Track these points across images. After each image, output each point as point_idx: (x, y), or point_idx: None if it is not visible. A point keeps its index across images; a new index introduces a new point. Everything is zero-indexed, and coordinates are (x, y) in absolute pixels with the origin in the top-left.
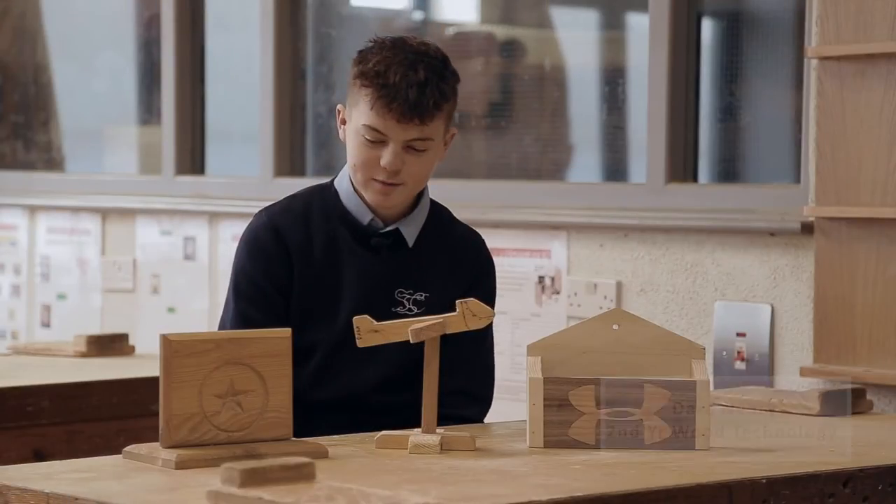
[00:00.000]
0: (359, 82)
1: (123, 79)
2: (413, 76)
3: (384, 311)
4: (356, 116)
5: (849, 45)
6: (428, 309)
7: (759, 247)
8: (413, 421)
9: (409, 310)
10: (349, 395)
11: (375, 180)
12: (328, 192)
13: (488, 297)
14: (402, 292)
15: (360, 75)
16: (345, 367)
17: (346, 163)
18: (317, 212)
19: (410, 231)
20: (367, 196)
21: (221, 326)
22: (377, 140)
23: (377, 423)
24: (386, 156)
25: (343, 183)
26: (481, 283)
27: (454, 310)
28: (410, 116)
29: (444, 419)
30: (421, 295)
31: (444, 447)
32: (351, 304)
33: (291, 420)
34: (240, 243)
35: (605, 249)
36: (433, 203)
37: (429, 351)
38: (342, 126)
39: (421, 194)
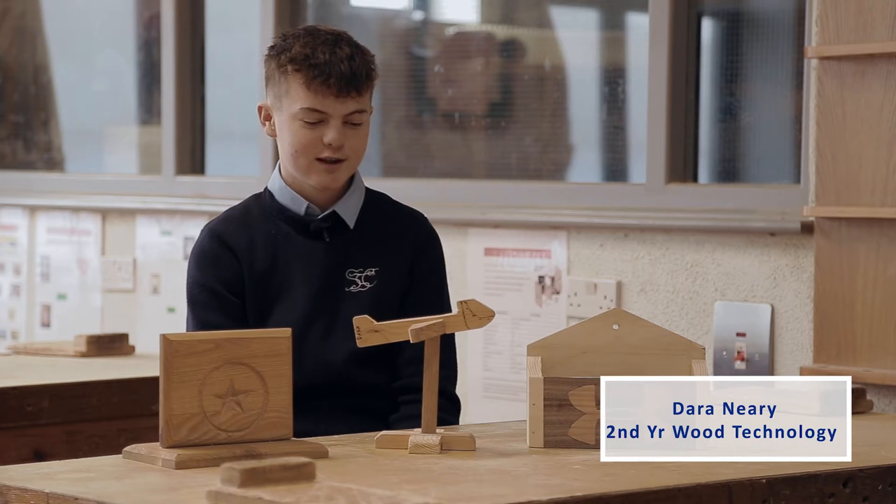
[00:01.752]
0: (289, 68)
1: (123, 79)
2: (340, 52)
3: (338, 293)
4: (289, 104)
5: (849, 45)
6: (380, 281)
7: (759, 247)
8: (390, 403)
9: (363, 286)
10: (321, 375)
11: (320, 160)
12: (263, 196)
13: (437, 266)
14: (352, 272)
15: (289, 62)
16: (311, 351)
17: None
18: (256, 215)
19: (349, 213)
20: (311, 180)
21: None
22: (317, 121)
23: (355, 406)
24: (329, 133)
25: (275, 183)
26: (427, 252)
27: (406, 278)
28: (348, 90)
29: (413, 403)
30: (371, 270)
31: (444, 447)
32: (305, 292)
33: (291, 420)
34: (189, 262)
35: (605, 249)
36: (371, 190)
37: (429, 351)
38: (266, 123)
39: (352, 177)
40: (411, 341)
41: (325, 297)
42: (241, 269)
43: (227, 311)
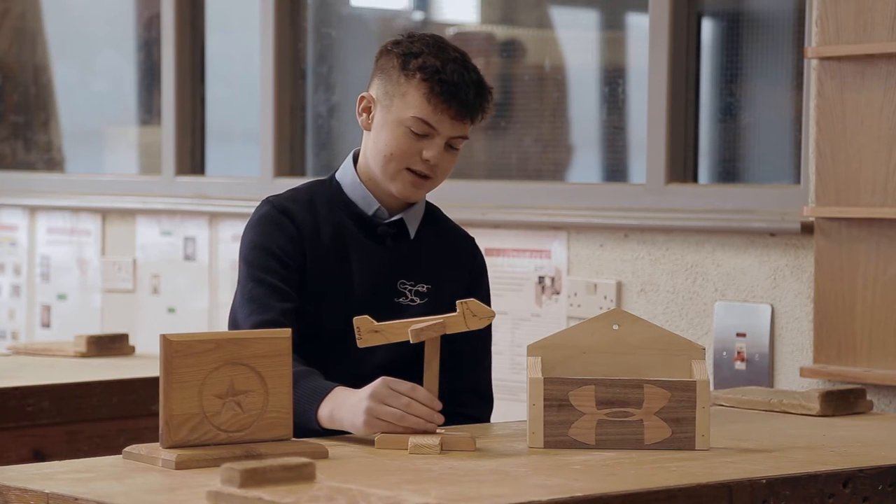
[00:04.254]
0: (418, 75)
1: (123, 79)
2: (468, 76)
3: (387, 301)
4: (400, 107)
5: (849, 46)
6: (430, 300)
7: (759, 247)
8: None
9: (412, 301)
10: (355, 380)
11: (411, 171)
12: (330, 185)
13: (488, 297)
14: (403, 283)
15: (418, 69)
16: (347, 356)
17: (345, 159)
18: (321, 202)
19: (412, 222)
20: (394, 187)
21: (233, 313)
22: (423, 133)
23: None
24: (431, 149)
25: (347, 176)
26: (481, 283)
27: (454, 303)
28: (464, 116)
29: (456, 416)
30: (423, 286)
31: (444, 447)
32: (357, 293)
33: (291, 420)
34: (247, 229)
35: (605, 249)
36: (427, 202)
37: (429, 351)
38: (364, 114)
39: None
40: (411, 341)
41: (375, 304)
42: (303, 247)
43: (286, 279)
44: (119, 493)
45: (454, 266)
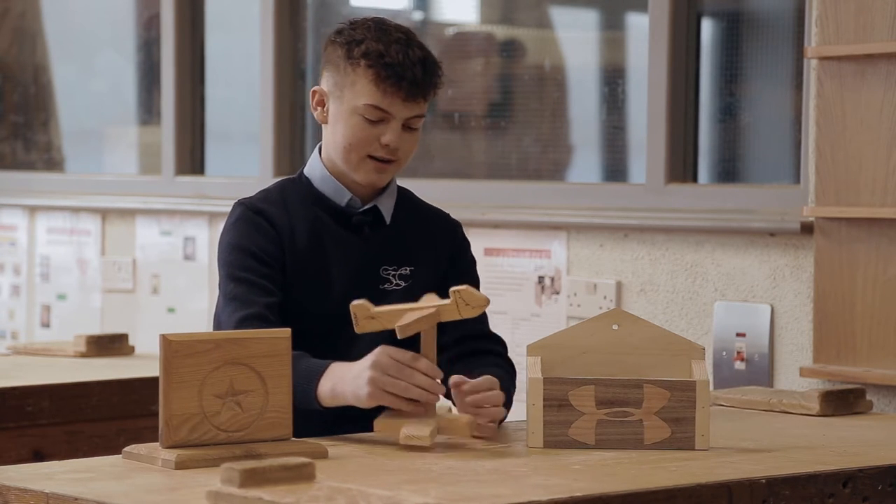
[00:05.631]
0: (362, 62)
1: (123, 79)
2: (413, 55)
3: (372, 289)
4: (351, 96)
5: (849, 46)
6: (414, 281)
7: (759, 247)
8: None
9: (397, 285)
10: None
11: (372, 158)
12: (299, 181)
13: (474, 272)
14: (386, 269)
15: (362, 56)
16: (339, 349)
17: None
18: (293, 200)
19: (386, 208)
20: (358, 176)
21: (216, 318)
22: (378, 119)
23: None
24: (389, 134)
25: (315, 170)
26: (465, 254)
27: (439, 281)
28: (416, 95)
29: (478, 353)
30: (406, 269)
31: (441, 431)
32: (340, 286)
33: (291, 420)
34: (223, 234)
35: (605, 249)
36: (399, 186)
37: (425, 340)
38: (319, 108)
39: None
40: (402, 335)
41: (360, 294)
42: (282, 246)
43: (268, 276)
44: (119, 493)
45: (434, 244)
